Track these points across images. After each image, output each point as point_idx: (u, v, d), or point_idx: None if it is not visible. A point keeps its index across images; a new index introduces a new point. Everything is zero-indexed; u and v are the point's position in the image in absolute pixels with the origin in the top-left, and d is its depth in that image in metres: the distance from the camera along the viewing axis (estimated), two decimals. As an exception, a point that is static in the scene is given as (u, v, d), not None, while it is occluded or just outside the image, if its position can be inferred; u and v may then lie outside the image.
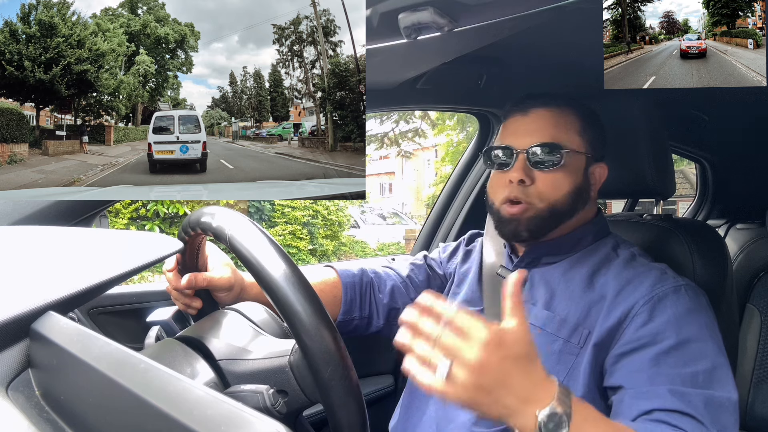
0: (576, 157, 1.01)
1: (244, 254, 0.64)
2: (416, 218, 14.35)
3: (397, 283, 1.18)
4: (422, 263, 1.24)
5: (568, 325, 0.94)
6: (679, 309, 0.88)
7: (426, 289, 1.20)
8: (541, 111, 1.02)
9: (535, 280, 1.04)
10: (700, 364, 0.82)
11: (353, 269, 1.17)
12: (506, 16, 0.95)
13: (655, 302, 0.89)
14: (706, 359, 0.83)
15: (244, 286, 0.97)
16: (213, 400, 0.36)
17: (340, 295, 1.13)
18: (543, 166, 0.99)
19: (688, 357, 0.83)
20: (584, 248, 1.03)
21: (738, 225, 2.03)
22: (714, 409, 0.79)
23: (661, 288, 0.91)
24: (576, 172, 1.01)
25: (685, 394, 0.79)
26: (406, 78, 1.33)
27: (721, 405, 0.79)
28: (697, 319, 0.87)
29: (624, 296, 0.92)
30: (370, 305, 1.15)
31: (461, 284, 1.17)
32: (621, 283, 0.94)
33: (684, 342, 0.84)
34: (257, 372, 0.70)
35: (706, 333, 0.86)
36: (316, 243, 8.32)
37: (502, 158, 1.02)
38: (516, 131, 1.03)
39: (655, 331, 0.86)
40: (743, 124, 1.93)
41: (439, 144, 13.14)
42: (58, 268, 0.54)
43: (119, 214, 6.45)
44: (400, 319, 0.68)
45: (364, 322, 1.15)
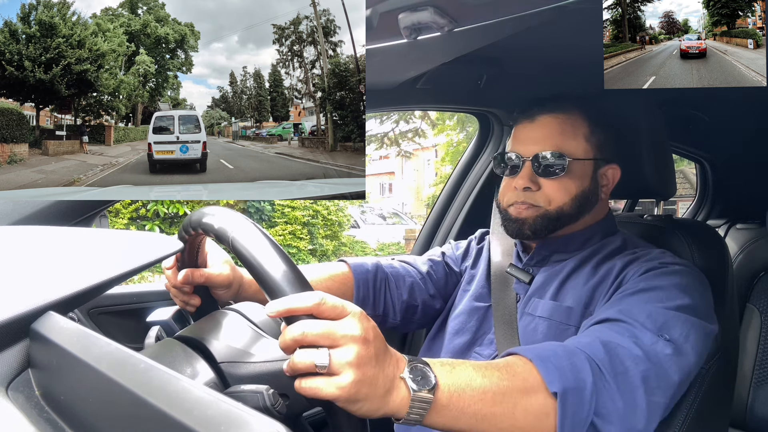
0: (582, 164, 1.02)
1: (246, 257, 0.64)
2: (416, 218, 14.35)
3: (416, 280, 1.17)
4: (440, 260, 1.24)
5: (575, 313, 0.95)
6: (674, 281, 0.88)
7: (444, 286, 1.22)
8: (547, 118, 1.03)
9: (543, 275, 1.05)
10: (666, 304, 0.82)
11: (368, 264, 1.14)
12: (506, 16, 0.95)
13: (654, 271, 0.90)
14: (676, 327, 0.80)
15: (242, 283, 0.97)
16: (213, 400, 0.36)
17: (351, 291, 1.10)
18: (548, 174, 1.00)
19: (661, 296, 0.83)
20: (593, 245, 1.05)
21: (738, 225, 2.03)
22: (656, 324, 0.78)
23: (656, 262, 0.92)
24: (583, 177, 1.02)
25: (630, 311, 0.80)
26: (406, 78, 1.33)
27: (664, 324, 0.79)
28: (690, 294, 0.86)
29: (625, 271, 0.94)
30: (385, 302, 1.13)
31: (471, 282, 1.18)
32: (624, 263, 0.96)
33: (660, 287, 0.85)
34: (258, 375, 0.70)
35: (690, 311, 0.84)
36: (316, 243, 8.32)
37: (511, 164, 1.05)
38: (523, 138, 1.05)
39: (636, 282, 0.88)
40: (743, 124, 1.92)
41: (439, 144, 13.13)
42: (58, 268, 0.54)
43: (119, 214, 6.45)
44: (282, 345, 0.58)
45: (378, 320, 1.12)
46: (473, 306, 1.12)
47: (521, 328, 1.01)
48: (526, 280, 1.06)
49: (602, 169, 1.05)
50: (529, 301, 1.03)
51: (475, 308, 1.11)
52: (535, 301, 1.02)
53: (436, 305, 1.19)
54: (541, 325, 0.98)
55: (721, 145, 2.22)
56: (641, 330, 0.77)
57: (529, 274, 1.06)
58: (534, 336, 0.98)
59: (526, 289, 1.06)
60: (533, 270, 1.07)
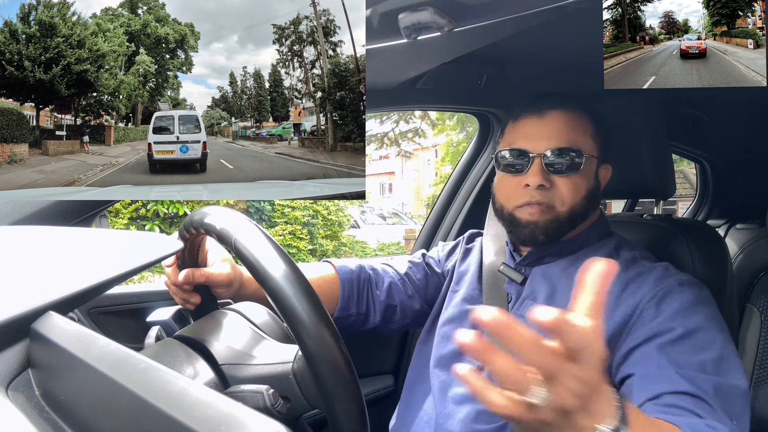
0: (591, 161, 1.00)
1: (249, 259, 0.64)
2: (416, 218, 14.35)
3: (394, 280, 1.18)
4: (420, 261, 1.24)
5: None
6: (684, 302, 0.88)
7: (424, 287, 1.21)
8: (558, 114, 1.00)
9: (535, 276, 1.04)
10: (709, 353, 0.81)
11: (351, 265, 1.17)
12: (506, 16, 0.95)
13: (661, 297, 0.89)
14: (714, 348, 0.82)
15: (242, 281, 0.97)
16: (213, 400, 0.36)
17: (338, 291, 1.13)
18: (561, 171, 0.97)
19: (696, 345, 0.82)
20: (587, 247, 1.04)
21: (738, 225, 2.02)
22: (724, 395, 0.77)
23: (664, 283, 0.91)
24: (590, 176, 1.01)
25: (695, 378, 0.78)
26: (406, 78, 1.33)
27: (731, 392, 0.78)
28: (703, 310, 0.87)
29: (627, 295, 0.91)
30: (367, 302, 1.15)
31: (460, 282, 1.17)
32: (623, 283, 0.93)
33: (692, 331, 0.84)
34: (260, 378, 0.70)
35: (713, 323, 0.86)
36: (316, 243, 8.32)
37: (514, 161, 1.00)
38: (531, 134, 1.00)
39: (662, 324, 0.86)
40: (743, 124, 1.92)
41: (439, 144, 13.13)
42: (58, 268, 0.54)
43: (119, 214, 6.45)
44: (458, 342, 0.50)
45: (360, 319, 1.15)
46: (464, 309, 1.11)
47: None
48: (518, 280, 1.04)
49: (600, 169, 1.04)
50: (522, 303, 1.02)
51: (466, 311, 1.10)
52: (528, 303, 1.01)
53: (415, 306, 1.19)
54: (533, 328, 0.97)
55: (721, 145, 2.22)
56: (720, 416, 0.75)
57: (522, 274, 1.05)
58: None
59: (518, 290, 1.05)
60: (525, 270, 1.06)
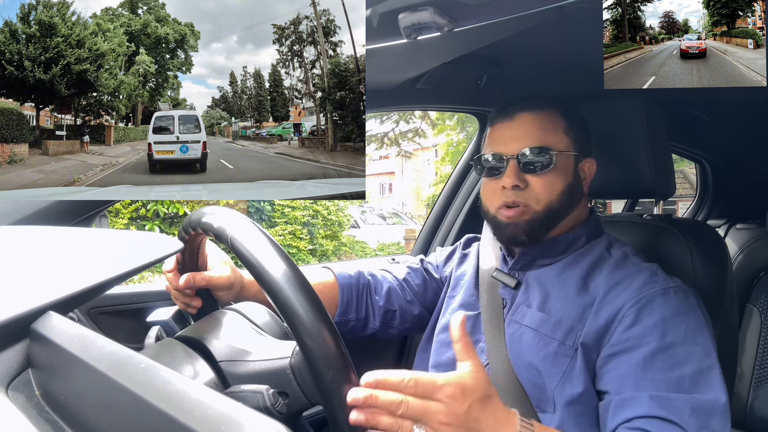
0: (565, 157, 1.01)
1: (245, 256, 0.64)
2: (416, 218, 14.34)
3: (393, 286, 1.19)
4: (419, 267, 1.25)
5: (562, 328, 0.94)
6: (666, 311, 0.88)
7: (423, 293, 1.22)
8: (526, 115, 1.03)
9: (529, 282, 1.04)
10: (686, 368, 0.83)
11: (350, 271, 1.18)
12: (506, 16, 0.95)
13: (643, 304, 0.89)
14: (692, 363, 0.83)
15: (243, 284, 0.97)
16: (213, 400, 0.36)
17: (337, 296, 1.14)
18: (534, 170, 1.00)
19: (673, 361, 0.84)
20: (578, 249, 1.04)
21: (738, 225, 2.02)
22: (702, 413, 0.79)
23: (649, 290, 0.91)
24: (566, 171, 1.02)
25: (669, 399, 0.80)
26: (406, 78, 1.33)
27: (709, 409, 0.80)
28: (685, 321, 0.87)
29: (612, 297, 0.92)
30: (366, 307, 1.16)
31: (456, 288, 1.17)
32: (611, 284, 0.94)
33: (669, 346, 0.85)
34: (258, 374, 0.70)
35: (693, 336, 0.86)
36: (316, 243, 8.32)
37: (493, 165, 1.03)
38: (503, 137, 1.03)
39: (641, 334, 0.87)
40: (743, 124, 1.92)
41: (439, 144, 13.12)
42: (58, 268, 0.54)
43: (119, 214, 6.44)
44: (351, 399, 0.62)
45: (360, 324, 1.16)
46: None
47: (508, 335, 1.00)
48: (511, 285, 1.05)
49: (581, 163, 1.05)
50: (518, 309, 1.03)
51: None
52: (523, 309, 1.02)
53: (414, 311, 1.20)
54: (527, 334, 0.98)
55: (721, 145, 2.22)
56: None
57: (515, 279, 1.06)
58: (519, 345, 0.98)
59: (512, 295, 1.05)
60: (518, 274, 1.06)
